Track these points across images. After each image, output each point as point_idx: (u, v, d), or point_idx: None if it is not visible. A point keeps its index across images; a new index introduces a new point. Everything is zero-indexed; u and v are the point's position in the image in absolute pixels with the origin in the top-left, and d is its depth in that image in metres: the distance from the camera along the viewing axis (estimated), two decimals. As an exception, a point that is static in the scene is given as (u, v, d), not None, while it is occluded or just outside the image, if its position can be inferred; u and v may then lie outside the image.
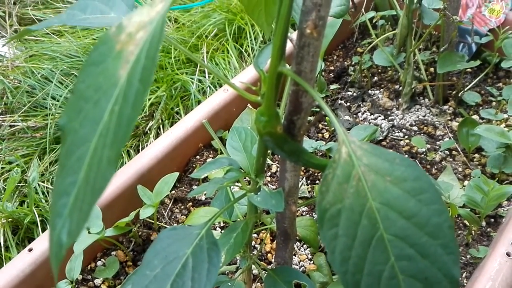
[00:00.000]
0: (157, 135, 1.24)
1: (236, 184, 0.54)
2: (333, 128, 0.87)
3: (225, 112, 0.82)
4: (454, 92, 0.90)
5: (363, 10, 0.93)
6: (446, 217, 0.32)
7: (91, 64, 0.24)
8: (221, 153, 0.81)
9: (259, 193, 0.48)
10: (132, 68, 0.22)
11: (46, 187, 1.10)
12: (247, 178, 0.60)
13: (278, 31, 0.36)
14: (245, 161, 0.57)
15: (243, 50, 1.43)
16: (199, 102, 1.27)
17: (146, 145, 1.23)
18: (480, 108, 0.89)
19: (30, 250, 0.62)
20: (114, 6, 0.40)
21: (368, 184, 0.33)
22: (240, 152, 0.58)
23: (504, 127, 0.85)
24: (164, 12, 0.24)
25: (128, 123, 0.20)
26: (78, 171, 0.21)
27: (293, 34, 0.88)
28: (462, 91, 0.88)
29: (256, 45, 1.42)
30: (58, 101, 1.26)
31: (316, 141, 0.82)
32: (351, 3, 0.91)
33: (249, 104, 0.76)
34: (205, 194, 0.75)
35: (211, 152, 0.82)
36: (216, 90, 1.31)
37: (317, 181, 0.78)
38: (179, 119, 1.23)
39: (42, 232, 0.99)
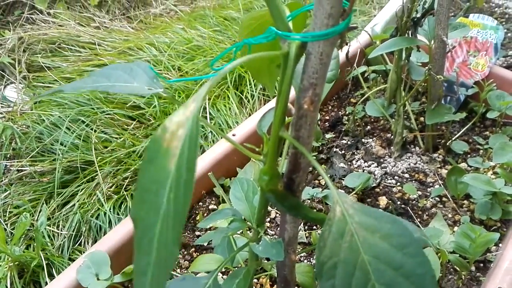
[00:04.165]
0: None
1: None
2: (329, 175, 0.92)
3: (227, 160, 0.87)
4: (443, 141, 0.95)
5: (355, 65, 1.00)
6: (429, 267, 0.37)
7: (146, 162, 0.29)
8: (223, 200, 0.86)
9: (260, 242, 0.52)
10: (179, 160, 0.27)
11: (53, 231, 1.13)
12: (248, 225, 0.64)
13: (279, 104, 0.41)
14: (247, 211, 0.61)
15: (243, 97, 1.50)
16: (201, 147, 1.33)
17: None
18: (468, 156, 0.94)
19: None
20: (137, 76, 0.46)
21: (360, 239, 0.38)
22: (242, 202, 0.63)
23: (491, 174, 0.90)
24: (197, 111, 0.30)
25: (183, 207, 0.25)
26: (150, 253, 0.25)
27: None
28: (451, 141, 0.94)
29: (255, 92, 1.49)
30: (65, 146, 1.31)
31: (313, 188, 0.86)
32: (345, 57, 0.98)
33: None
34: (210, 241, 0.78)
35: (213, 199, 0.87)
36: (217, 136, 1.37)
37: (314, 227, 0.82)
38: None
39: (48, 276, 1.02)
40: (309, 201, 0.86)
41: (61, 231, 1.13)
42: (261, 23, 0.49)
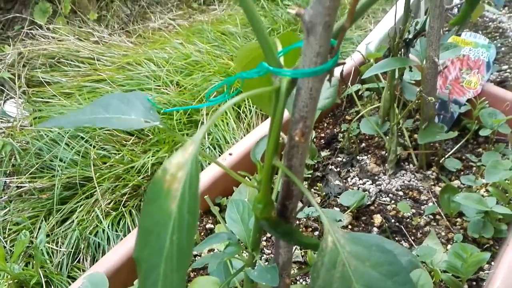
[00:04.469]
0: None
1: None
2: (324, 193, 0.93)
3: (223, 179, 0.88)
4: (436, 158, 0.97)
5: (349, 83, 1.02)
6: (417, 296, 0.38)
7: (148, 203, 0.31)
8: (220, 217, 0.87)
9: (255, 267, 0.53)
10: (180, 202, 0.28)
11: (51, 248, 1.14)
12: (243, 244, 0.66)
13: (272, 135, 0.43)
14: (243, 233, 0.63)
15: (240, 112, 1.52)
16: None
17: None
18: (462, 173, 0.96)
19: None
20: (134, 107, 0.47)
21: (351, 268, 0.39)
22: (238, 223, 0.64)
23: (484, 192, 0.91)
24: (195, 153, 0.31)
25: (187, 250, 0.26)
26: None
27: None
28: (444, 158, 0.95)
29: (253, 107, 1.51)
30: (64, 162, 1.33)
31: (308, 206, 0.87)
32: (339, 75, 1.00)
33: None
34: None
35: (210, 218, 0.88)
36: (215, 150, 1.38)
37: (311, 245, 0.83)
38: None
39: (47, 293, 1.03)
40: (304, 219, 0.87)
41: (60, 248, 1.14)
42: (257, 55, 0.50)
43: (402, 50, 0.84)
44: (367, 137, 1.04)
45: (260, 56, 0.50)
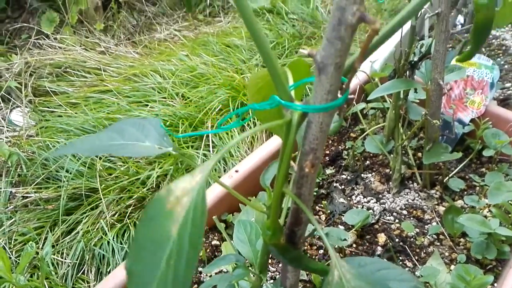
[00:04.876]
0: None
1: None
2: (329, 211, 0.94)
3: (229, 196, 0.89)
4: (440, 177, 0.98)
5: (354, 102, 1.03)
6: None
7: (147, 219, 0.31)
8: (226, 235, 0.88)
9: (263, 289, 0.54)
10: (182, 229, 0.29)
11: (56, 259, 1.15)
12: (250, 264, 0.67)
13: (282, 165, 0.44)
14: (250, 254, 0.64)
15: (245, 125, 1.53)
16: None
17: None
18: (465, 192, 0.97)
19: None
20: (149, 134, 0.48)
21: (355, 302, 0.40)
22: (245, 244, 0.65)
23: (488, 212, 0.92)
24: (203, 182, 0.32)
25: (184, 280, 0.27)
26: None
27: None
28: (447, 178, 0.96)
29: (257, 120, 1.52)
30: (70, 173, 1.34)
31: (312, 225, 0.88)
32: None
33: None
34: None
35: (216, 235, 0.89)
36: (220, 164, 1.39)
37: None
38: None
39: (52, 305, 1.04)
40: (309, 238, 0.88)
41: (65, 259, 1.15)
42: (268, 81, 0.52)
43: (408, 72, 0.85)
44: (371, 154, 1.05)
45: (271, 83, 0.51)
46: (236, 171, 0.91)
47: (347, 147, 1.07)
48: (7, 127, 1.65)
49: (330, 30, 0.34)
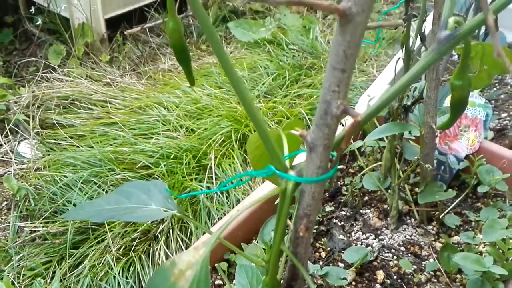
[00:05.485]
0: (167, 239, 1.34)
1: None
2: (329, 248, 0.97)
3: (231, 236, 0.92)
4: (437, 212, 1.00)
5: (351, 140, 1.06)
6: None
7: (151, 285, 0.35)
8: (229, 274, 0.91)
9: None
10: None
11: (64, 295, 1.18)
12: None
13: (279, 229, 0.47)
14: (251, 299, 0.66)
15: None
16: (206, 207, 1.38)
17: (157, 250, 1.33)
18: (461, 228, 0.99)
19: None
20: (153, 196, 0.52)
21: None
22: (247, 289, 0.68)
23: (483, 248, 0.95)
24: (206, 256, 0.36)
25: None
26: None
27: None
28: (444, 214, 0.99)
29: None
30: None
31: (313, 262, 0.91)
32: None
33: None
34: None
35: (218, 274, 0.92)
36: (223, 195, 1.42)
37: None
38: (188, 224, 1.33)
39: None
40: (309, 276, 0.90)
41: (72, 294, 1.18)
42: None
43: (402, 115, 0.88)
44: (370, 190, 1.08)
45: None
46: (238, 211, 0.94)
47: (345, 183, 1.10)
48: (15, 159, 1.70)
49: (318, 117, 0.37)
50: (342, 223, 1.02)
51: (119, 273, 1.20)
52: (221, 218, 1.32)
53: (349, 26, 0.29)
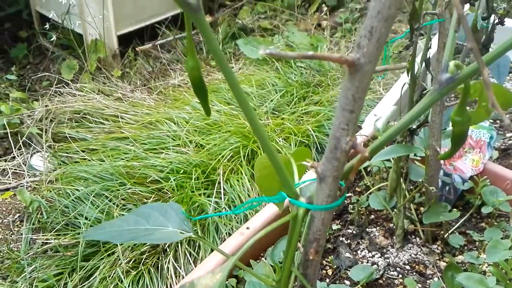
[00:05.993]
0: (175, 252, 1.37)
1: None
2: (335, 266, 0.99)
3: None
4: (442, 232, 1.02)
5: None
6: None
7: None
8: (237, 290, 0.93)
9: None
10: None
11: (75, 307, 1.20)
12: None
13: (289, 253, 0.50)
14: (260, 316, 0.69)
15: (254, 172, 1.59)
16: (214, 222, 1.41)
17: (166, 263, 1.35)
18: (466, 247, 1.01)
19: None
20: (170, 218, 0.55)
21: None
22: (256, 307, 0.71)
23: (486, 267, 0.96)
24: (223, 280, 0.39)
25: None
26: None
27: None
28: (448, 234, 1.01)
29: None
30: (89, 220, 1.40)
31: (320, 280, 0.93)
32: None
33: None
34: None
35: (229, 290, 0.94)
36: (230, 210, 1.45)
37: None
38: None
39: None
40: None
41: (83, 307, 1.20)
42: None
43: (407, 137, 0.91)
44: (376, 209, 1.11)
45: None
46: (247, 228, 0.97)
47: (352, 201, 1.13)
48: (27, 172, 1.74)
49: (328, 151, 0.40)
50: (349, 241, 1.04)
51: (128, 285, 1.23)
52: (229, 233, 1.35)
53: (358, 74, 0.32)
